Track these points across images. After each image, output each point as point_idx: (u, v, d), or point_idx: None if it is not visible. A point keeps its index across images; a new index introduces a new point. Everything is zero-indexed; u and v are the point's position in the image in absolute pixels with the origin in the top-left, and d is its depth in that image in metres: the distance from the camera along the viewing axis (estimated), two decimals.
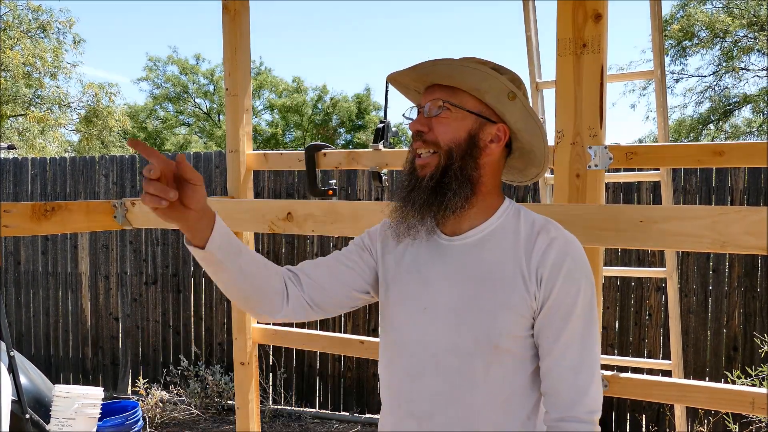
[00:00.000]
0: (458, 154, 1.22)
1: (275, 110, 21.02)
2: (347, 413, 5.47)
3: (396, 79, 1.35)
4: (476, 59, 1.30)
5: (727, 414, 4.38)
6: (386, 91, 3.16)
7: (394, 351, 1.31)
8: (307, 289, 1.34)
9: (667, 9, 14.64)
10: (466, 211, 1.26)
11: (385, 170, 2.83)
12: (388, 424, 1.33)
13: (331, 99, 20.83)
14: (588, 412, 1.20)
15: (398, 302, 1.31)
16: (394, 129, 3.00)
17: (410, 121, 1.28)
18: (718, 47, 13.70)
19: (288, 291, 1.33)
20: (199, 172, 1.11)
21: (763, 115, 13.77)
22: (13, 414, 3.20)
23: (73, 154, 15.36)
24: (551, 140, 1.86)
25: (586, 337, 1.21)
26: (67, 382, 6.13)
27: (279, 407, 5.52)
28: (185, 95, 21.49)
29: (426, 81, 1.30)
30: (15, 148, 4.85)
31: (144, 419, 5.05)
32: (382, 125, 2.95)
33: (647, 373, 2.95)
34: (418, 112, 1.28)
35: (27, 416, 3.23)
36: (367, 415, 5.41)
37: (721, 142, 2.31)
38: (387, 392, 1.34)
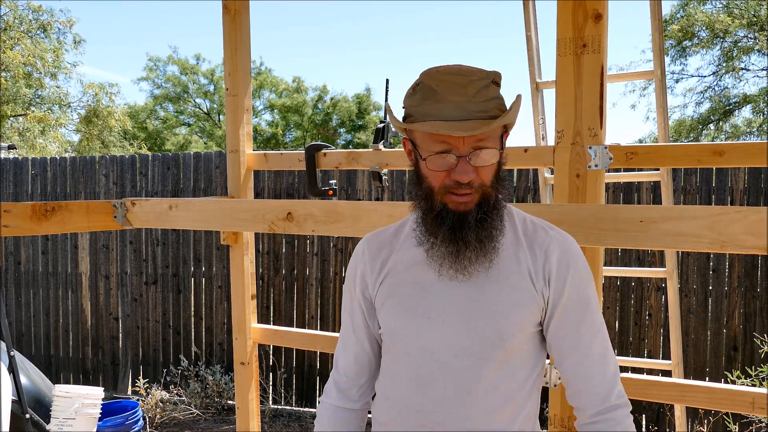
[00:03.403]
0: (496, 183, 1.24)
1: (275, 110, 21.02)
2: None
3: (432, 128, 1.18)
4: (485, 80, 1.21)
5: (727, 414, 4.37)
6: (386, 91, 3.16)
7: (400, 362, 1.30)
8: (366, 392, 1.42)
9: (667, 9, 14.64)
10: None
11: (385, 170, 2.83)
12: None
13: (331, 99, 20.83)
14: (622, 396, 1.26)
15: (399, 313, 1.29)
16: (394, 129, 3.00)
17: (442, 169, 1.20)
18: (718, 47, 13.70)
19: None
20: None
21: (763, 115, 13.77)
22: (13, 414, 3.20)
23: (73, 154, 15.37)
24: (551, 140, 1.86)
25: (602, 327, 1.29)
26: (67, 382, 6.13)
27: (279, 407, 5.52)
28: (185, 95, 21.49)
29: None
30: (15, 148, 4.85)
31: (144, 419, 5.05)
32: (382, 125, 2.95)
33: (647, 373, 2.95)
34: (459, 158, 1.18)
35: (27, 416, 3.23)
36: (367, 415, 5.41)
37: (721, 142, 2.31)
38: (387, 404, 1.33)
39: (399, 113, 1.32)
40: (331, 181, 2.94)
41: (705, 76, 14.37)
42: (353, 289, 1.38)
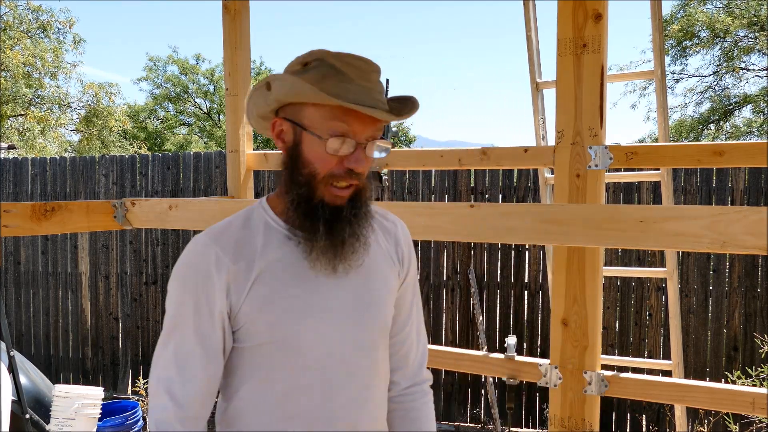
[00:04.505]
0: (367, 177, 1.21)
1: None
2: None
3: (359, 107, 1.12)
4: (379, 72, 1.18)
5: (727, 414, 4.37)
6: (386, 91, 3.16)
7: (305, 373, 1.16)
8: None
9: (667, 9, 14.64)
10: None
11: (385, 170, 2.83)
12: None
13: None
14: (428, 371, 1.36)
15: (292, 318, 1.15)
16: (393, 129, 3.00)
17: (345, 154, 1.12)
18: (718, 47, 13.69)
19: None
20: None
21: (764, 115, 13.76)
22: (13, 414, 3.20)
23: (73, 154, 15.36)
24: (551, 140, 1.86)
25: (420, 304, 1.37)
26: (67, 382, 6.13)
27: None
28: (185, 95, 21.49)
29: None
30: (15, 148, 4.85)
31: (144, 419, 5.04)
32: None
33: (647, 373, 2.95)
34: (357, 146, 1.13)
35: (27, 416, 3.22)
36: None
37: (722, 142, 2.31)
38: (293, 423, 1.17)
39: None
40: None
41: (705, 76, 14.37)
42: (204, 304, 1.14)
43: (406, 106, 1.20)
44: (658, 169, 2.97)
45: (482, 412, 5.18)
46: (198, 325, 1.16)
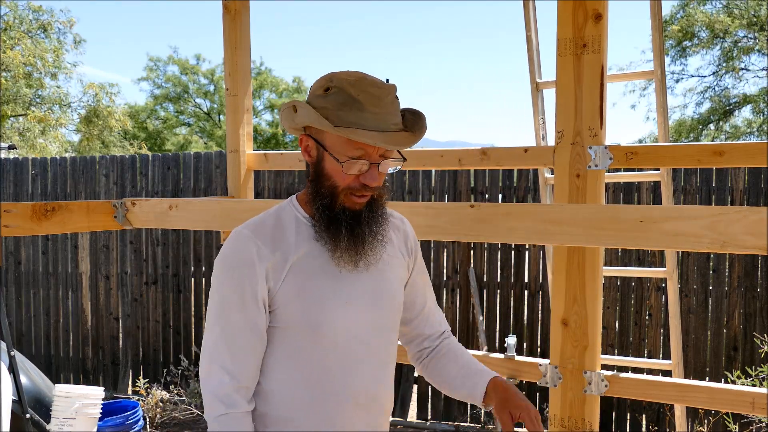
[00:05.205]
0: (384, 185, 1.40)
1: (275, 110, 21.01)
2: None
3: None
4: (393, 93, 1.34)
5: (727, 414, 4.37)
6: None
7: (330, 352, 1.35)
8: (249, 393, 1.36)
9: (667, 9, 14.63)
10: None
11: None
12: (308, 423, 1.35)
13: None
14: (448, 327, 1.64)
15: (321, 303, 1.33)
16: None
17: (362, 173, 1.32)
18: (718, 47, 13.69)
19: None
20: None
21: (763, 115, 13.76)
22: (13, 414, 3.20)
23: (73, 154, 15.36)
24: (551, 140, 1.86)
25: (430, 282, 1.62)
26: (67, 382, 6.13)
27: None
28: (185, 95, 21.48)
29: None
30: (15, 148, 4.85)
31: (144, 419, 5.05)
32: None
33: (647, 373, 2.95)
34: (371, 165, 1.31)
35: (27, 416, 3.23)
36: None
37: (721, 143, 2.31)
38: (304, 391, 1.35)
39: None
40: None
41: (705, 76, 14.37)
42: (248, 288, 1.31)
43: (418, 122, 1.36)
44: (658, 169, 2.97)
45: (482, 411, 5.18)
46: (244, 308, 1.32)
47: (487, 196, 5.16)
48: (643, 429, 4.83)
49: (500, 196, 5.10)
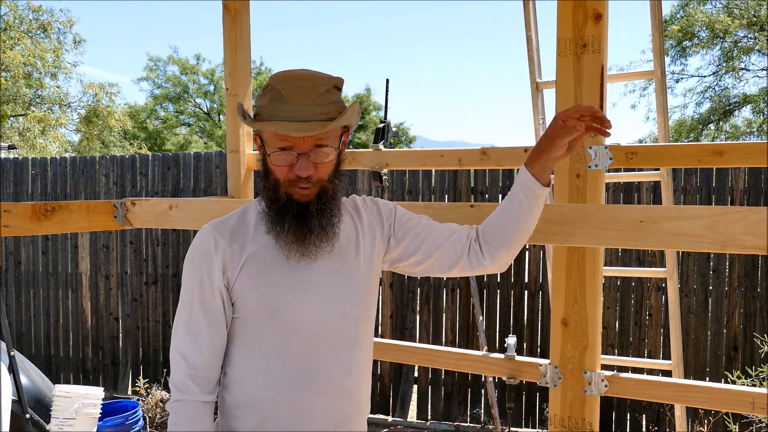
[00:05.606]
0: (335, 177, 1.40)
1: None
2: None
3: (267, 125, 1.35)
4: (327, 85, 1.35)
5: (727, 414, 4.37)
6: (386, 91, 3.16)
7: (281, 337, 1.37)
8: (218, 384, 1.41)
9: (667, 9, 14.63)
10: None
11: (385, 170, 2.84)
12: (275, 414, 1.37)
13: None
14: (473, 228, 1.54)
15: (277, 291, 1.37)
16: (394, 129, 3.00)
17: (285, 164, 1.34)
18: (718, 47, 13.68)
19: None
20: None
21: (763, 115, 13.76)
22: (13, 414, 3.21)
23: (73, 154, 15.36)
24: None
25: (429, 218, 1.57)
26: (67, 382, 6.13)
27: None
28: (185, 95, 21.47)
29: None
30: (15, 148, 4.85)
31: (144, 419, 5.05)
32: (382, 125, 2.95)
33: (647, 373, 2.95)
34: (299, 155, 1.33)
35: (27, 416, 3.23)
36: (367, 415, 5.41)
37: (721, 142, 2.31)
38: (274, 384, 1.37)
39: (399, 114, 1.35)
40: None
41: (705, 76, 14.37)
42: (206, 277, 1.37)
43: (346, 112, 1.36)
44: (658, 169, 2.97)
45: (482, 411, 5.19)
46: (202, 297, 1.38)
47: (487, 196, 5.16)
48: (643, 429, 4.83)
49: (500, 196, 5.10)
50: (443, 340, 5.27)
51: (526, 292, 5.10)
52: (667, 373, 3.62)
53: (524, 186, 1.44)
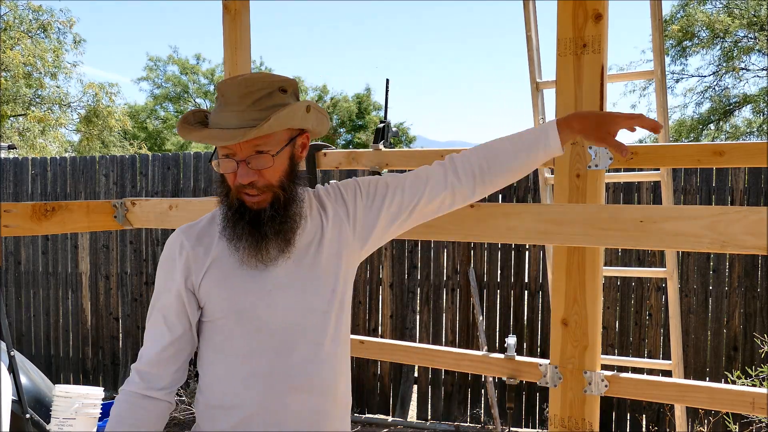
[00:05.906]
0: (288, 182, 1.36)
1: None
2: None
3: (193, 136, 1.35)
4: (268, 89, 1.31)
5: (727, 414, 4.37)
6: (386, 91, 3.16)
7: (250, 336, 1.37)
8: (173, 383, 1.43)
9: (667, 9, 14.62)
10: None
11: (385, 170, 2.84)
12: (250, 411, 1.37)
13: (331, 99, 20.82)
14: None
15: (242, 291, 1.37)
16: (394, 129, 3.00)
17: (229, 171, 1.33)
18: (718, 47, 13.67)
19: None
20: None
21: (763, 115, 13.76)
22: (13, 414, 3.20)
23: (73, 154, 15.35)
24: None
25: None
26: (67, 382, 6.13)
27: None
28: (185, 95, 21.48)
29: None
30: (15, 148, 4.85)
31: None
32: (382, 125, 2.95)
33: (647, 373, 2.95)
34: (239, 162, 1.31)
35: (27, 416, 3.23)
36: (367, 415, 5.41)
37: (722, 142, 2.31)
38: (248, 383, 1.36)
39: (399, 114, 1.33)
40: (331, 181, 2.95)
41: (705, 76, 14.36)
42: (171, 280, 1.40)
43: (273, 114, 1.30)
44: (658, 169, 2.97)
45: (482, 411, 5.18)
46: (163, 299, 1.41)
47: (486, 196, 5.16)
48: (643, 429, 4.83)
49: (500, 196, 5.10)
50: (443, 340, 5.27)
51: (526, 292, 5.10)
52: (667, 373, 3.62)
53: (548, 148, 1.44)
